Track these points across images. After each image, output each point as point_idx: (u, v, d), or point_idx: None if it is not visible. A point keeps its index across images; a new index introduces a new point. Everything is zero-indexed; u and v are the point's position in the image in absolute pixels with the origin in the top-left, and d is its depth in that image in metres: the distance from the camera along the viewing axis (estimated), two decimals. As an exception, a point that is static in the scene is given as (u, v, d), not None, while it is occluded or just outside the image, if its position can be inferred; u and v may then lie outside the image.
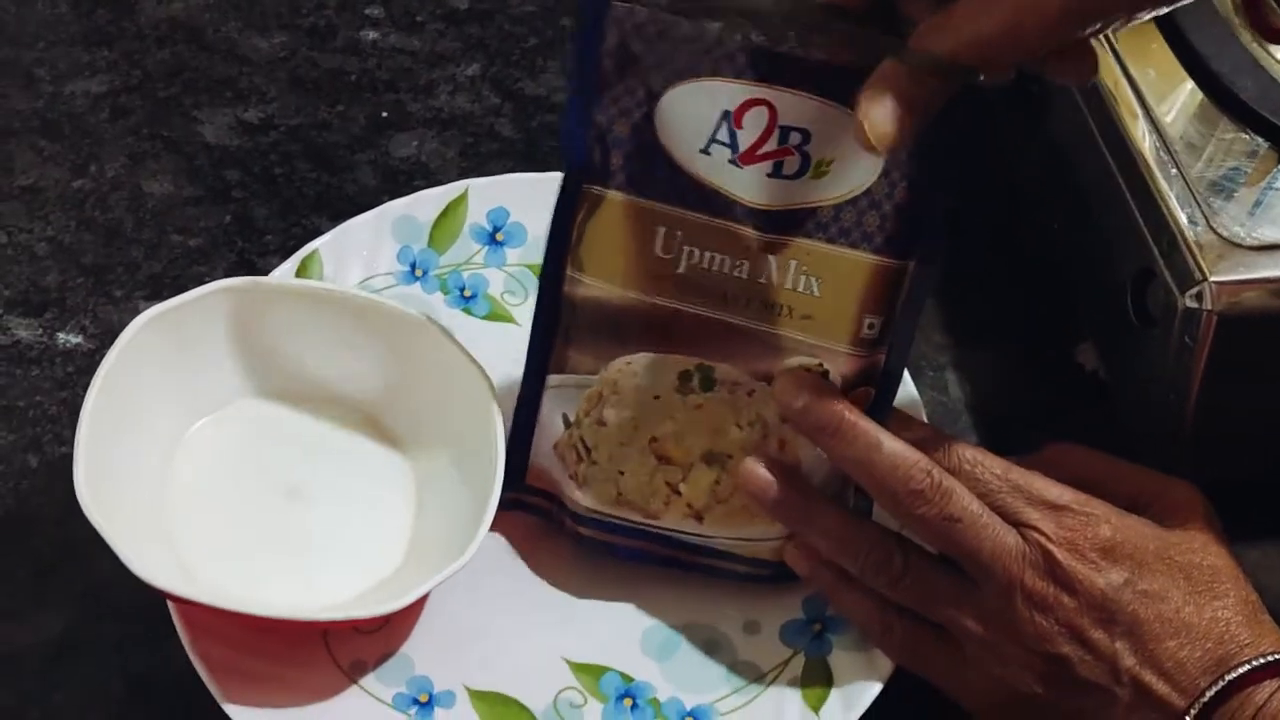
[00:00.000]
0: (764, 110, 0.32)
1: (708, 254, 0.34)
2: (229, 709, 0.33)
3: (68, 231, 0.46)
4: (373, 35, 0.52)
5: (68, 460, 0.40)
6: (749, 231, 0.34)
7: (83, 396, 0.41)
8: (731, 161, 0.33)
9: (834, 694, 0.35)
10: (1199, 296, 0.36)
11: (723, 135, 0.33)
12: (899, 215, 0.33)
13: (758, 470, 0.35)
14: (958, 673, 0.34)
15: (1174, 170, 0.38)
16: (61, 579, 0.38)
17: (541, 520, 0.38)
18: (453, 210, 0.44)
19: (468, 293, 0.43)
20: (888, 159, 0.32)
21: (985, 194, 0.48)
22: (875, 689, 0.35)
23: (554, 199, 0.35)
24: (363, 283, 0.42)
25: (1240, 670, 0.30)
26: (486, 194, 0.44)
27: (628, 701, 0.36)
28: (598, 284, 0.35)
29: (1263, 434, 0.39)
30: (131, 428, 0.36)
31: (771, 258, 0.34)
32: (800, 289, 0.34)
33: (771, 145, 0.33)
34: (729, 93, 0.32)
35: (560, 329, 0.36)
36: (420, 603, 0.36)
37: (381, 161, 0.48)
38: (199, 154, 0.48)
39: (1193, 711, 0.30)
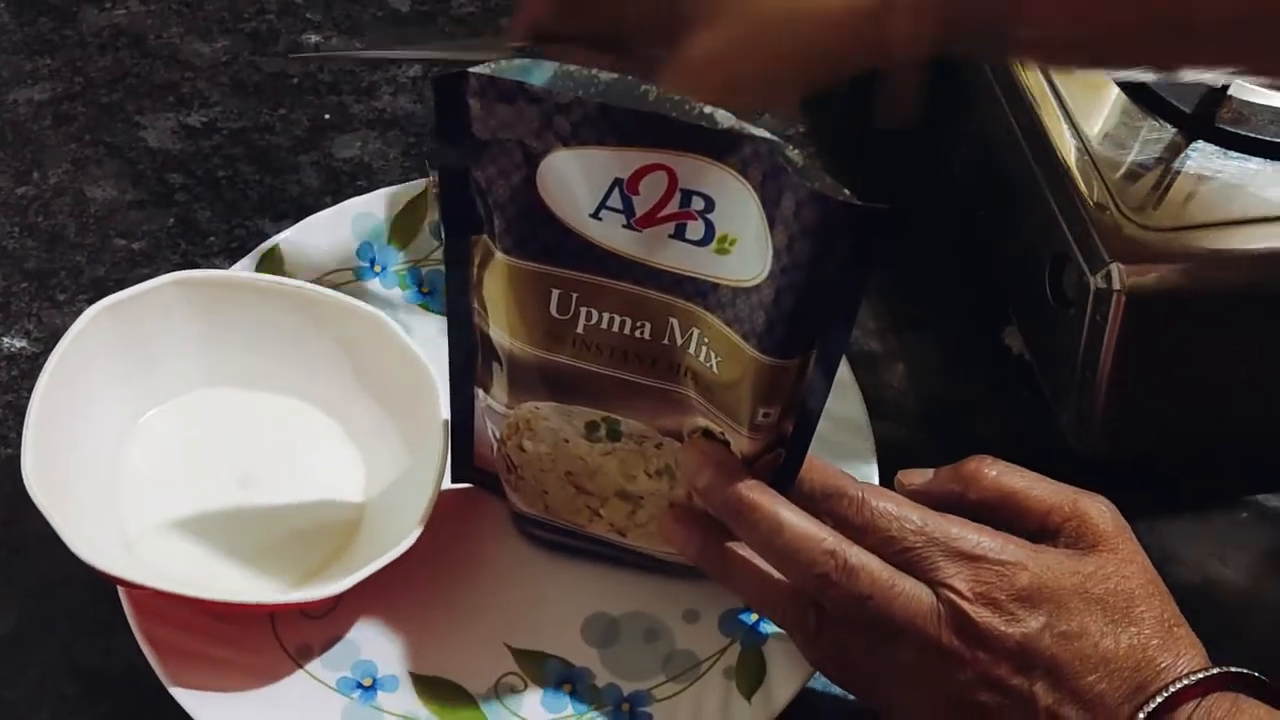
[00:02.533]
0: (662, 175, 0.30)
1: (607, 315, 0.33)
2: (175, 692, 0.34)
3: (11, 237, 0.46)
4: (314, 38, 0.52)
5: (13, 461, 0.40)
6: (650, 293, 0.32)
7: (27, 399, 0.41)
8: (627, 225, 0.31)
9: (766, 682, 0.36)
10: (1108, 277, 0.37)
11: (614, 202, 0.31)
12: (787, 320, 0.30)
13: (676, 527, 0.36)
14: (875, 699, 0.34)
15: (1085, 156, 0.40)
16: (10, 577, 0.39)
17: (486, 510, 0.39)
18: (413, 207, 0.45)
19: (425, 289, 0.44)
20: (773, 264, 0.30)
21: (919, 184, 0.49)
22: (805, 676, 0.36)
23: None
24: (322, 278, 0.43)
25: (1156, 701, 0.31)
26: None
27: (567, 687, 0.37)
28: (500, 333, 0.34)
29: (1171, 410, 0.40)
30: (82, 417, 0.37)
31: (674, 320, 0.32)
32: (702, 358, 0.33)
33: (672, 208, 0.31)
34: (618, 160, 0.30)
35: (479, 356, 0.36)
36: (367, 589, 0.37)
37: (324, 163, 0.49)
38: (142, 159, 0.48)
39: None
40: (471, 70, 0.30)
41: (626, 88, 0.30)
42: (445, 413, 0.38)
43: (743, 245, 0.31)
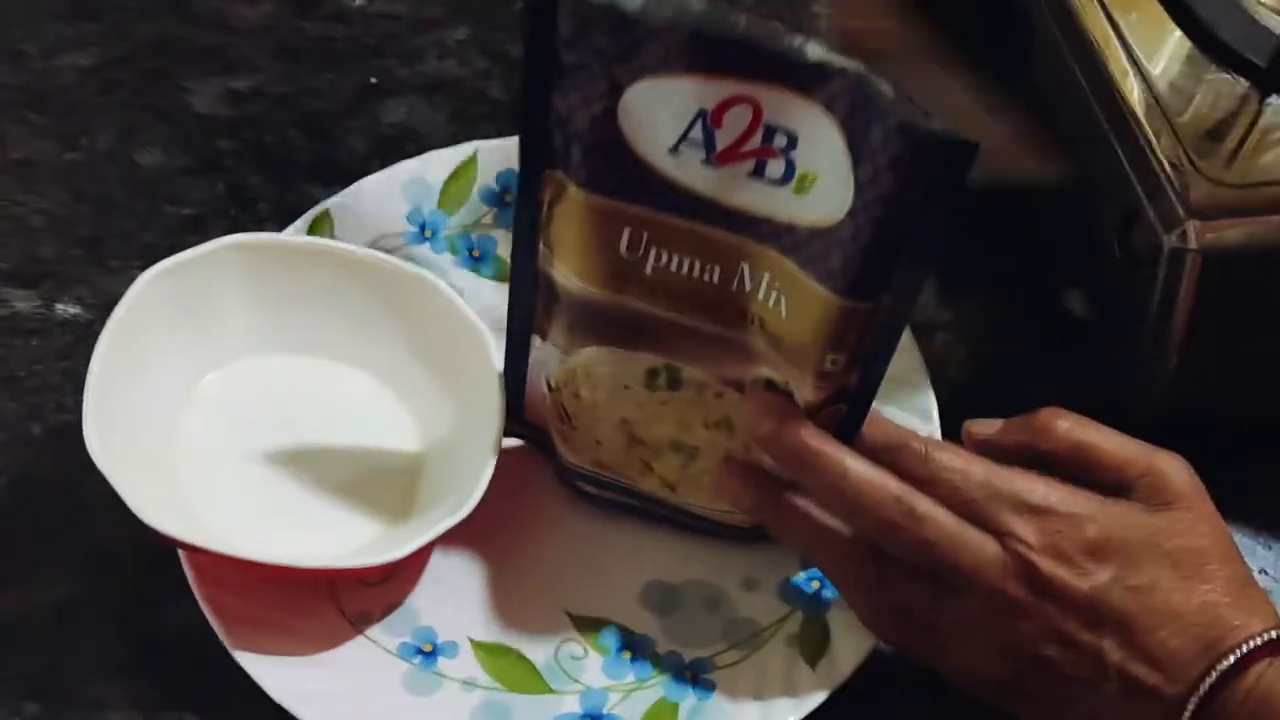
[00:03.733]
0: (747, 108, 0.30)
1: (676, 256, 0.32)
2: (238, 656, 0.34)
3: (62, 204, 0.46)
4: (358, 1, 0.52)
5: (69, 428, 0.40)
6: (721, 234, 0.32)
7: (82, 366, 0.41)
8: (706, 162, 0.31)
9: (830, 650, 0.36)
10: (1183, 236, 0.36)
11: (696, 134, 0.30)
12: (865, 258, 0.30)
13: (731, 479, 0.35)
14: (937, 654, 0.34)
15: (1159, 113, 0.38)
16: (66, 544, 0.39)
17: (542, 476, 0.39)
18: (462, 172, 0.44)
19: (476, 253, 0.44)
20: (855, 200, 0.29)
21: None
22: (870, 645, 0.35)
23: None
24: (373, 243, 0.43)
25: (1230, 659, 0.30)
26: (495, 156, 0.45)
27: (627, 654, 0.36)
28: (565, 273, 0.34)
29: (1243, 374, 0.39)
30: (140, 381, 0.37)
31: (744, 264, 0.32)
32: (771, 304, 0.32)
33: (754, 144, 0.30)
34: (704, 90, 0.30)
35: (540, 300, 0.35)
36: (425, 555, 0.36)
37: (371, 128, 0.48)
38: (189, 124, 0.48)
39: (1190, 706, 0.30)
40: None
41: (717, 15, 0.29)
42: (499, 378, 0.37)
43: (823, 183, 0.30)
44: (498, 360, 0.37)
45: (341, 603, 0.36)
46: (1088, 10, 0.41)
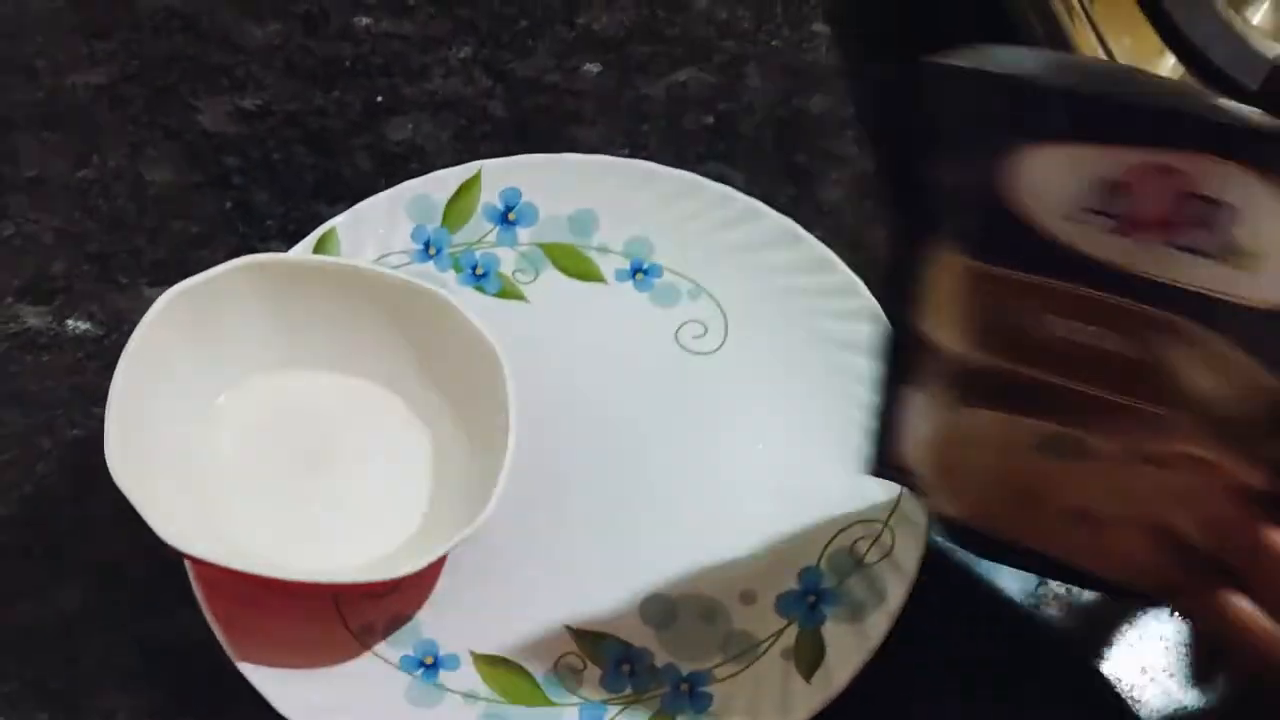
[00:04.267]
0: (1165, 176, 0.26)
1: (1079, 326, 0.29)
2: (242, 667, 0.35)
3: (73, 221, 0.47)
4: (365, 21, 0.52)
5: (80, 442, 0.41)
6: (1136, 306, 0.28)
7: (92, 381, 0.42)
8: (1115, 231, 0.27)
9: (825, 663, 0.36)
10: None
11: (1101, 205, 0.27)
12: None
13: (1158, 558, 0.30)
14: None
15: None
16: (76, 555, 0.39)
17: (542, 492, 0.39)
18: (466, 190, 0.45)
19: (479, 270, 0.44)
20: None
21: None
22: (865, 658, 0.36)
23: (570, 179, 0.33)
24: (378, 260, 0.44)
25: None
26: (499, 174, 0.46)
27: (626, 667, 0.37)
28: (949, 338, 0.31)
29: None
30: (159, 398, 0.37)
31: (1162, 337, 0.28)
32: (1199, 381, 0.28)
33: (1177, 214, 0.27)
34: (1109, 158, 0.27)
35: (918, 356, 0.32)
36: (432, 570, 0.37)
37: (378, 145, 0.49)
38: (198, 141, 0.49)
39: None
40: (943, 59, 0.28)
41: (1120, 75, 0.27)
42: (512, 395, 0.38)
43: (1273, 260, 0.26)
44: (508, 376, 0.38)
45: (346, 615, 0.37)
46: (1080, 33, 0.42)
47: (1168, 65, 0.41)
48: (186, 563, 0.37)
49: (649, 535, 0.40)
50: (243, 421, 0.39)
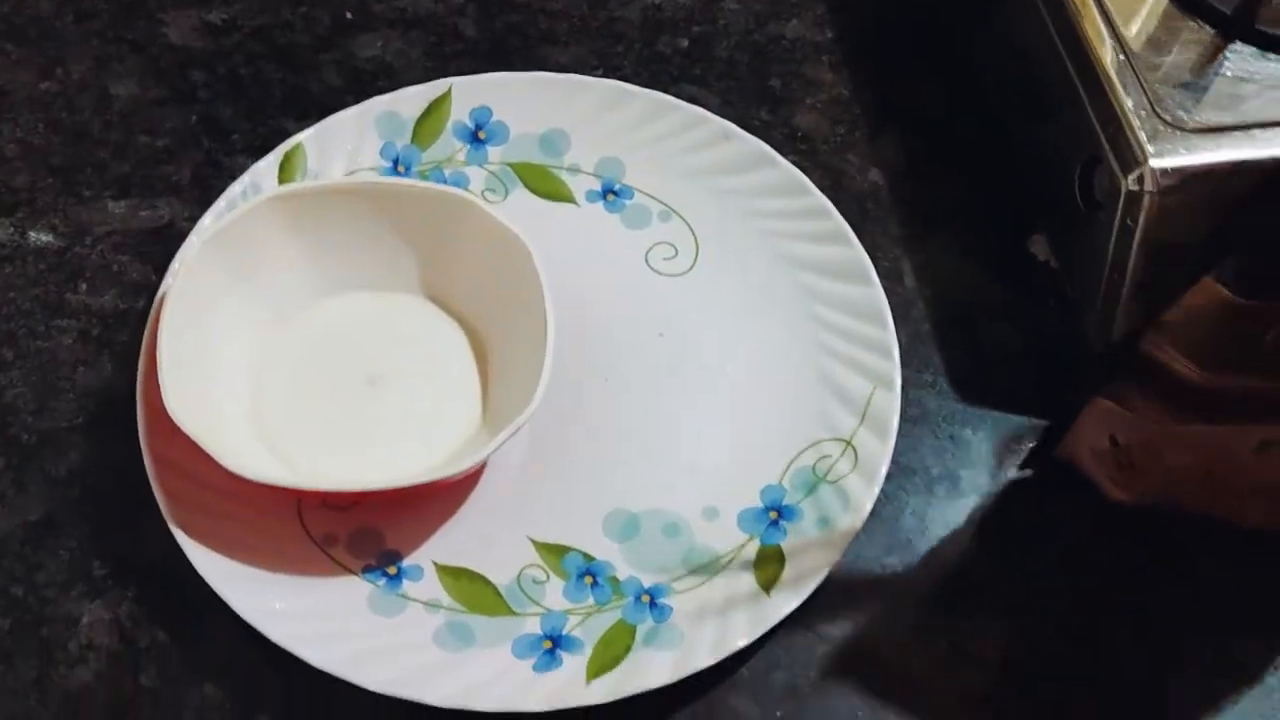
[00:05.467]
0: None
1: None
2: (205, 575, 0.35)
3: (36, 133, 0.46)
4: (336, -64, 0.52)
5: (42, 353, 0.41)
6: None
7: (54, 293, 0.42)
8: None
9: (785, 577, 0.37)
10: (1140, 179, 0.37)
11: None
12: None
13: None
14: None
15: (1123, 58, 0.39)
16: (41, 466, 0.39)
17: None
18: (436, 108, 0.45)
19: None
20: None
21: (945, 92, 0.49)
22: (824, 573, 0.36)
23: (542, 98, 0.34)
24: (346, 175, 0.43)
25: None
26: (470, 92, 0.45)
27: (588, 579, 0.37)
28: (1183, 362, 0.35)
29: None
30: (208, 338, 0.38)
31: None
32: None
33: None
34: None
35: (1117, 373, 0.37)
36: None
37: (346, 62, 0.48)
38: (164, 55, 0.48)
39: None
40: None
41: None
42: (547, 286, 0.38)
43: None
44: (540, 268, 0.38)
45: (308, 526, 0.37)
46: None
47: (1163, 11, 0.40)
48: (150, 473, 0.37)
49: (614, 452, 0.40)
50: (291, 352, 0.40)
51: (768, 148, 0.45)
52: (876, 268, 0.43)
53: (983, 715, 0.37)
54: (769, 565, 0.37)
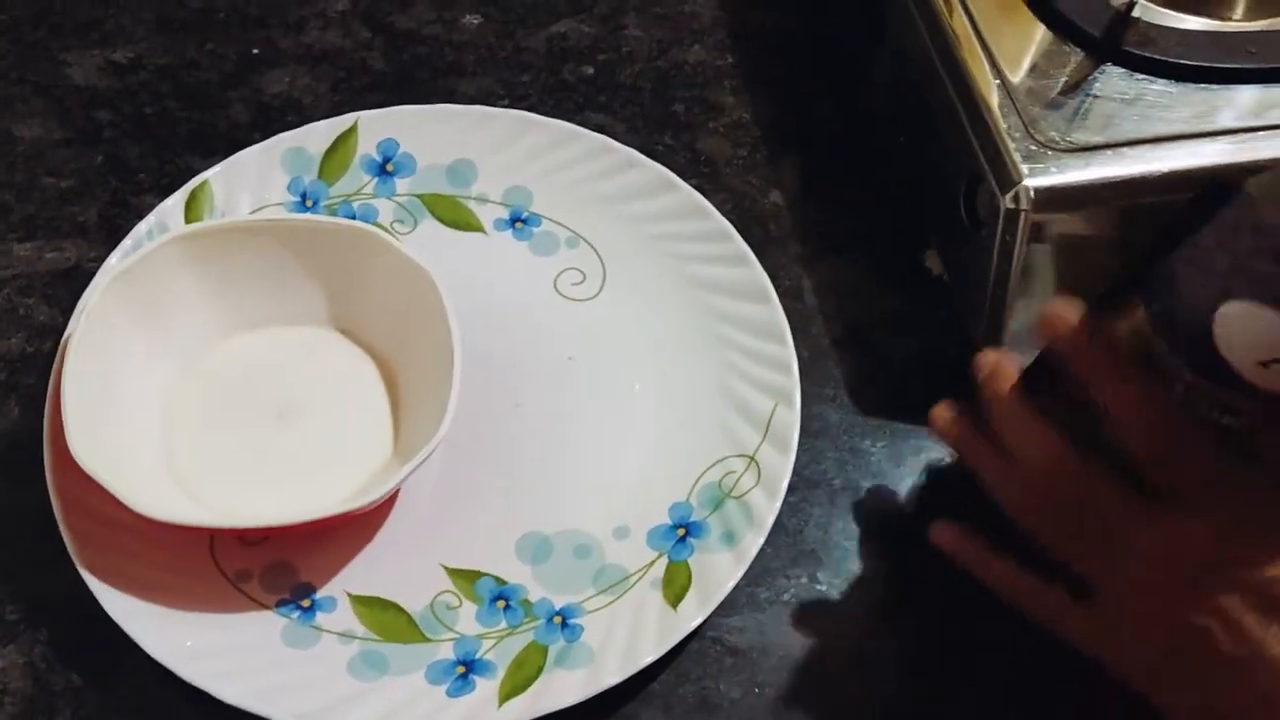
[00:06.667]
0: None
1: (1225, 416, 0.32)
2: (116, 617, 0.35)
3: (-62, 177, 0.46)
4: (241, -28, 0.52)
5: (-52, 399, 0.41)
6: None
7: (-39, 338, 0.42)
8: None
9: (691, 591, 0.38)
10: (1016, 198, 0.38)
11: None
12: None
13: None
14: (1102, 638, 0.34)
15: (999, 82, 0.41)
16: (-51, 514, 0.39)
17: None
18: (342, 142, 0.46)
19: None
20: None
21: (842, 113, 0.50)
22: (729, 587, 0.37)
23: (448, 129, 0.37)
24: (253, 213, 0.44)
25: None
26: (376, 126, 0.46)
27: (501, 603, 0.38)
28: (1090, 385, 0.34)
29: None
30: (116, 381, 0.38)
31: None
32: None
33: None
34: None
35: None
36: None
37: (253, 98, 0.49)
38: (68, 96, 0.48)
39: None
40: (1252, 190, 0.30)
41: None
42: (453, 315, 0.39)
43: None
44: (445, 296, 0.39)
45: (221, 564, 0.38)
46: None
47: (1018, 13, 0.42)
48: (58, 516, 0.37)
49: (526, 476, 0.41)
50: (202, 389, 0.40)
51: (670, 173, 0.46)
52: (778, 286, 0.45)
53: (892, 718, 0.38)
54: (676, 581, 0.38)
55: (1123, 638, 0.34)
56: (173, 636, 0.36)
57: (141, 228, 0.43)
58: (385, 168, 0.46)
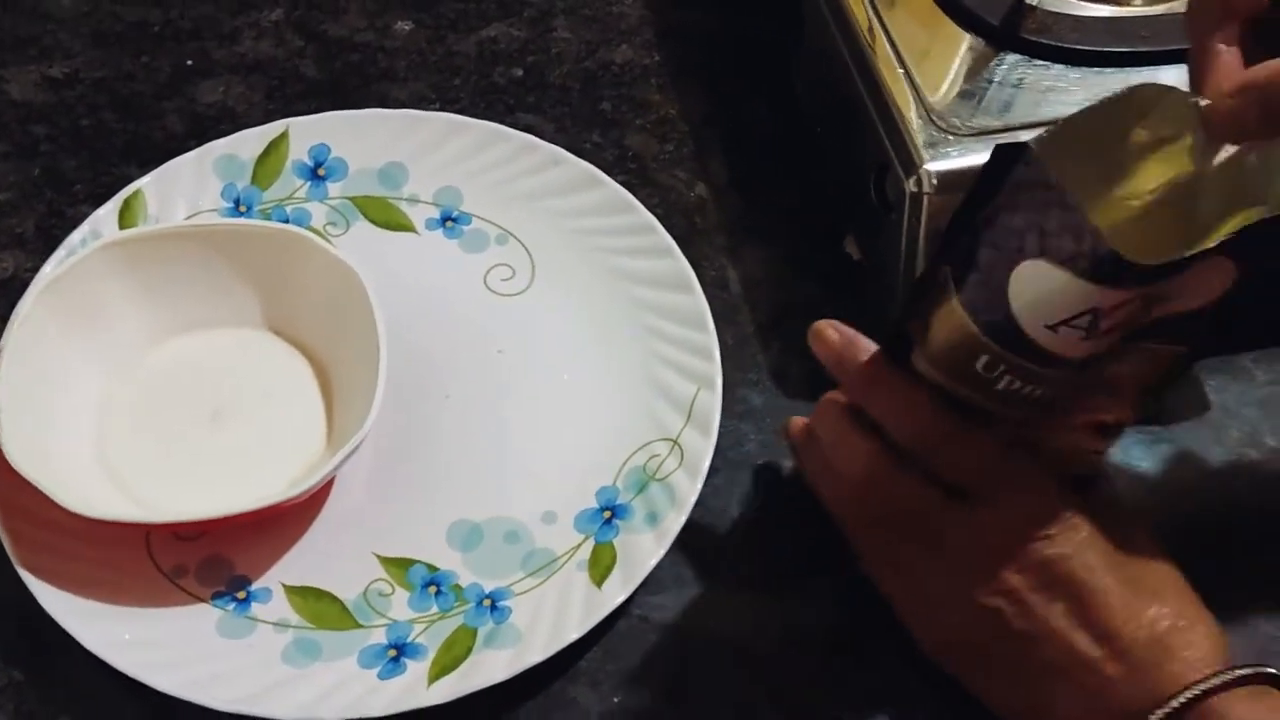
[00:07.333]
0: (1137, 303, 0.31)
1: (1030, 388, 0.33)
2: (51, 611, 0.36)
3: (-123, 194, 0.47)
4: (172, -13, 0.53)
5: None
6: (1071, 374, 0.33)
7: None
8: (1084, 339, 0.31)
9: (615, 572, 0.39)
10: (919, 182, 0.40)
11: (1081, 323, 0.31)
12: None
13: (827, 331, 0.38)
14: (921, 625, 0.37)
15: (902, 70, 0.42)
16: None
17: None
18: (274, 148, 0.47)
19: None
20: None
21: (766, 104, 0.52)
22: (650, 566, 0.39)
23: (378, 134, 0.39)
24: (188, 219, 0.45)
25: (1208, 684, 0.32)
26: (308, 132, 0.47)
27: (432, 589, 0.39)
28: (923, 361, 0.35)
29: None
30: (50, 390, 0.39)
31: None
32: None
33: (1138, 322, 0.32)
34: (1103, 295, 0.30)
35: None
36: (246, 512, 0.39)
37: (188, 109, 0.50)
38: (5, 111, 0.49)
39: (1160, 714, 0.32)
40: (1035, 147, 0.30)
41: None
42: (378, 312, 0.40)
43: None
44: (371, 294, 0.40)
45: (158, 559, 0.39)
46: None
47: (919, 4, 0.44)
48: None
49: (457, 465, 0.42)
50: (137, 392, 0.41)
51: (595, 169, 0.47)
52: (704, 276, 0.46)
53: (815, 692, 0.39)
54: (601, 562, 0.39)
55: (937, 627, 0.36)
56: (110, 631, 0.37)
57: (75, 236, 0.44)
58: (317, 172, 0.47)
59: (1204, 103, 0.31)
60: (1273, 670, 0.33)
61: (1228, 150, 0.31)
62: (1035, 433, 0.35)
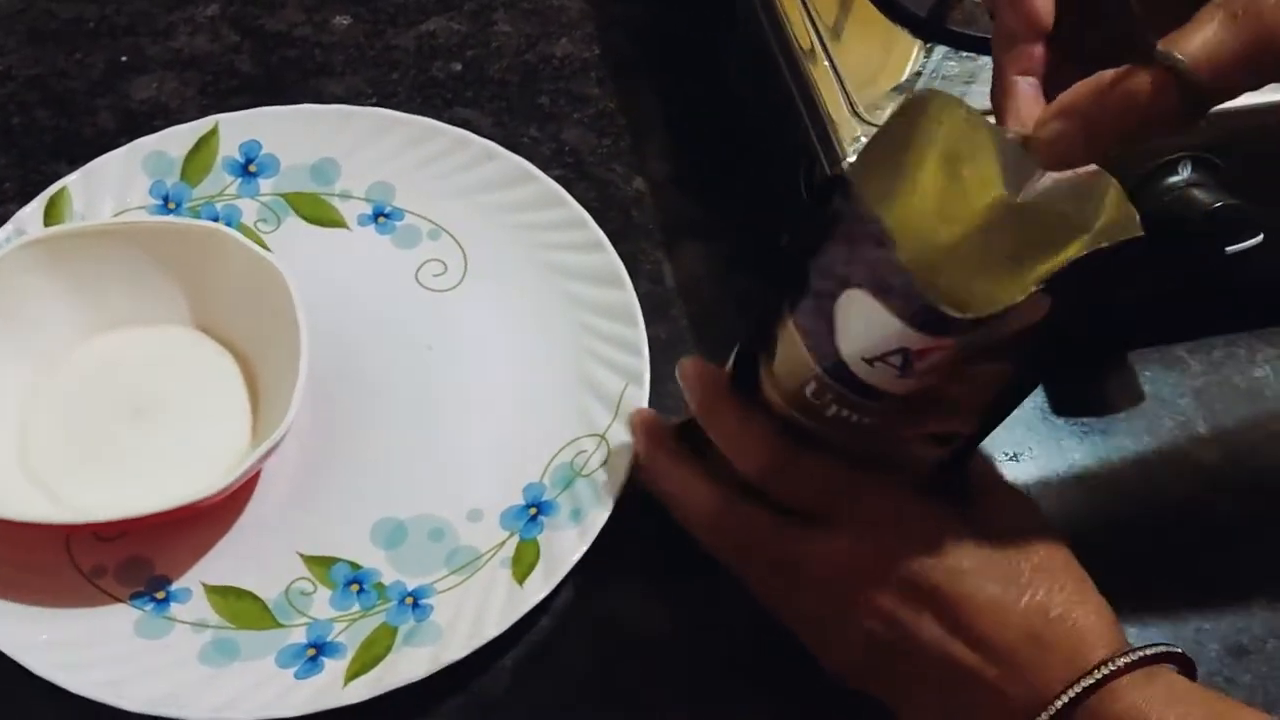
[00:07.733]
0: (950, 350, 0.30)
1: (856, 416, 0.33)
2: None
3: None
4: (109, -17, 0.53)
5: None
6: (895, 405, 0.33)
7: None
8: (900, 376, 0.31)
9: (538, 568, 0.39)
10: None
11: (895, 360, 0.31)
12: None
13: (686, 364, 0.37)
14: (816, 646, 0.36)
15: (827, 64, 0.42)
16: None
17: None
18: (204, 145, 0.46)
19: (221, 223, 0.45)
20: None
21: (702, 98, 0.51)
22: (572, 562, 0.39)
23: (311, 129, 0.40)
24: (115, 216, 0.45)
25: (1096, 675, 0.31)
26: (238, 128, 0.47)
27: (354, 587, 0.39)
28: (768, 384, 0.35)
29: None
30: None
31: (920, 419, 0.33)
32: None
33: (949, 366, 0.31)
34: (911, 337, 0.30)
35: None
36: (166, 512, 0.38)
37: (120, 105, 0.50)
38: (-64, 109, 0.49)
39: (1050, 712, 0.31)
40: (852, 178, 0.30)
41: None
42: (301, 310, 0.40)
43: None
44: (294, 292, 0.40)
45: (78, 559, 0.38)
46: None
47: (868, 19, 0.43)
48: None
49: (383, 462, 0.41)
50: (58, 391, 0.41)
51: (528, 164, 0.47)
52: (639, 270, 0.46)
53: (734, 680, 0.39)
54: (525, 559, 0.39)
55: (828, 650, 0.36)
56: (27, 632, 0.36)
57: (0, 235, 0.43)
58: (248, 168, 0.47)
59: (1016, 132, 0.30)
60: (1159, 648, 0.32)
61: (1040, 177, 0.29)
62: (873, 449, 0.35)
